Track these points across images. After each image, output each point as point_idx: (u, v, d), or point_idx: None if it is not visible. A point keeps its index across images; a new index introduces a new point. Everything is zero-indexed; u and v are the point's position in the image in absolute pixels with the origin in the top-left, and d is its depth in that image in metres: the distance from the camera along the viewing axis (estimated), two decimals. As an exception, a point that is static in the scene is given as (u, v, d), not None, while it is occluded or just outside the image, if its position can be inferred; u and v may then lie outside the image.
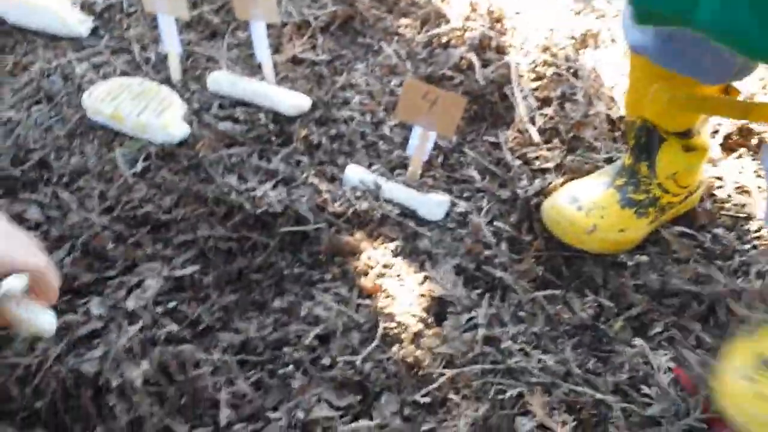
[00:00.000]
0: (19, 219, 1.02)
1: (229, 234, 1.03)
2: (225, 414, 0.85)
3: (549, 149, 1.21)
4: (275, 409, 0.86)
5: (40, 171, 1.13)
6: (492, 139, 1.25)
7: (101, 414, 0.84)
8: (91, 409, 0.84)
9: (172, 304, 0.97)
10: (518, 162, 1.19)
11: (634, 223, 1.06)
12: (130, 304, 0.95)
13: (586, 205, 1.06)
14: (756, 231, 1.12)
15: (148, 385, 0.86)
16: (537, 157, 1.19)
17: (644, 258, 1.06)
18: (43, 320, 0.70)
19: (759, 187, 1.19)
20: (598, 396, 0.88)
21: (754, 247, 1.10)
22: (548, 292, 1.02)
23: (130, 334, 0.91)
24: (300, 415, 0.84)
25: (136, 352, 0.89)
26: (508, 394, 0.89)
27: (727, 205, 1.19)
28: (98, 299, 0.95)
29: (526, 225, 1.10)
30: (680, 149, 1.07)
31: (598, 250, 1.06)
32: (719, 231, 1.12)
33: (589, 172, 1.16)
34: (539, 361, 0.92)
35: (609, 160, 1.20)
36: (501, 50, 1.40)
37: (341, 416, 0.86)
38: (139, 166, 1.12)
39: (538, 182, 1.12)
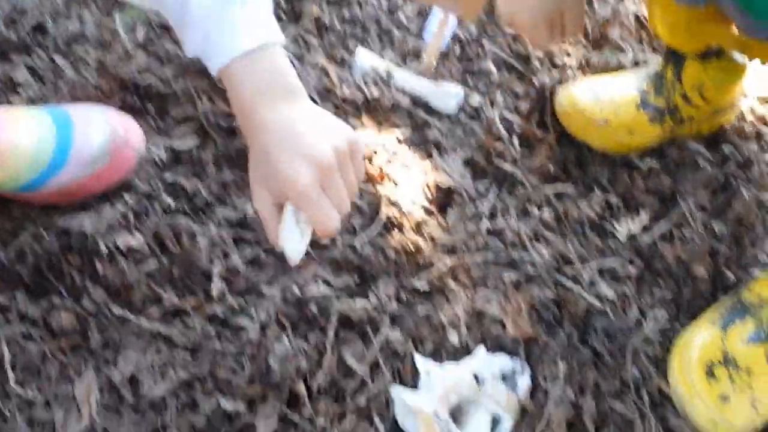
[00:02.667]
0: (9, 81, 0.98)
1: (230, 111, 0.99)
2: (217, 286, 0.83)
3: (573, 46, 1.15)
4: (269, 284, 0.84)
5: (35, 35, 1.08)
6: (514, 32, 1.19)
7: (87, 280, 0.81)
8: (77, 275, 0.81)
9: (170, 178, 0.94)
10: (540, 55, 1.13)
11: (646, 129, 1.01)
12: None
13: (603, 98, 1.01)
14: (779, 142, 1.07)
15: (139, 254, 0.84)
16: (560, 52, 1.13)
17: (656, 162, 1.02)
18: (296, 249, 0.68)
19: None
20: (585, 295, 0.86)
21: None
22: (557, 186, 0.98)
23: (124, 202, 0.88)
24: (295, 291, 0.82)
25: (130, 221, 0.86)
26: (506, 283, 0.87)
27: (749, 117, 1.14)
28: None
29: (538, 118, 1.05)
30: (703, 66, 1.00)
31: (600, 147, 1.02)
32: (739, 141, 1.07)
33: (613, 72, 1.11)
34: (540, 254, 0.89)
35: (636, 63, 1.14)
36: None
37: (337, 296, 0.84)
38: (140, 35, 1.06)
39: (557, 74, 1.07)
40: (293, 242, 0.68)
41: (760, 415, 0.77)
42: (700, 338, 0.82)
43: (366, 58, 1.10)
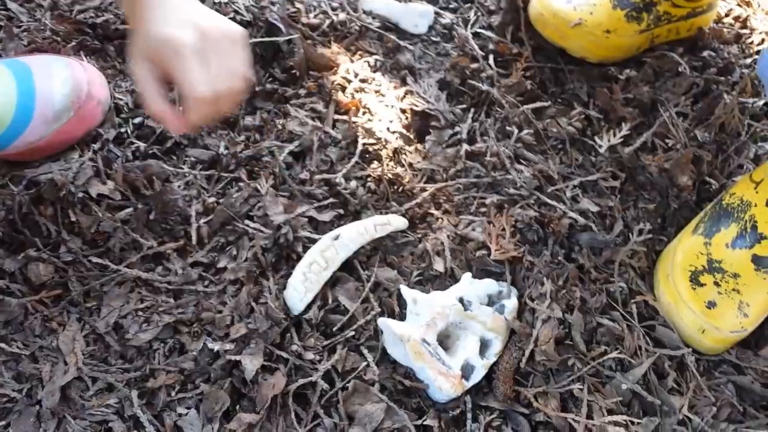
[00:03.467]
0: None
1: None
2: (196, 228, 0.82)
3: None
4: (250, 218, 0.83)
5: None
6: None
7: (62, 230, 0.79)
8: (51, 226, 0.79)
9: (137, 120, 0.90)
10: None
11: (623, 26, 0.98)
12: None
13: (577, 0, 0.98)
14: (759, 44, 1.05)
15: (113, 201, 0.82)
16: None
17: (634, 72, 0.99)
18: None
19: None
20: (568, 212, 0.85)
21: (755, 61, 1.03)
22: (536, 105, 0.96)
23: (92, 149, 0.85)
24: (281, 231, 0.81)
25: (100, 168, 0.84)
26: (488, 206, 0.85)
27: (727, 20, 1.11)
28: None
29: (512, 31, 1.02)
30: None
31: (579, 51, 0.99)
32: (718, 45, 1.05)
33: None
34: (522, 174, 0.88)
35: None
36: None
37: (321, 233, 0.83)
38: (93, -29, 1.01)
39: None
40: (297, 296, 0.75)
41: (749, 319, 0.78)
42: (684, 247, 0.82)
43: (332, -18, 1.06)
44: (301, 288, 0.76)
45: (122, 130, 0.89)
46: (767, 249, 0.78)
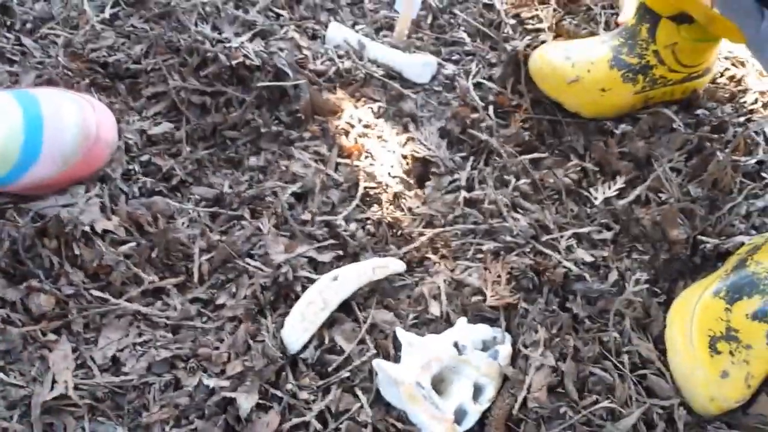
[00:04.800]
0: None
1: (202, 87, 0.98)
2: (198, 265, 0.83)
3: (545, 10, 1.15)
4: (251, 257, 0.84)
5: (1, 17, 1.05)
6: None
7: (65, 263, 0.81)
8: (54, 258, 0.81)
9: (144, 158, 0.93)
10: (512, 22, 1.12)
11: (618, 86, 1.01)
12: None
13: (575, 56, 1.01)
14: (752, 103, 1.08)
15: (116, 236, 0.84)
16: (532, 17, 1.12)
17: (630, 127, 1.02)
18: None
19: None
20: (563, 261, 0.86)
21: (749, 120, 1.06)
22: (533, 155, 0.98)
23: (99, 185, 0.87)
24: (280, 270, 0.82)
25: (106, 204, 0.86)
26: (485, 253, 0.87)
27: (721, 80, 1.14)
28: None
29: (512, 84, 1.05)
30: (677, 27, 1.00)
31: (574, 107, 1.02)
32: (713, 104, 1.08)
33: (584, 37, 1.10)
34: (518, 222, 0.90)
35: (607, 28, 1.14)
36: None
37: (320, 274, 0.84)
38: (107, 12, 1.04)
39: (529, 40, 1.07)
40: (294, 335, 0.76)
41: (750, 390, 0.77)
42: (704, 308, 0.81)
43: (338, 31, 1.09)
44: (299, 327, 0.77)
45: (130, 167, 0.91)
46: None
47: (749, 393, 0.78)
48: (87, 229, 0.82)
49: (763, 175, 0.99)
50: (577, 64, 1.00)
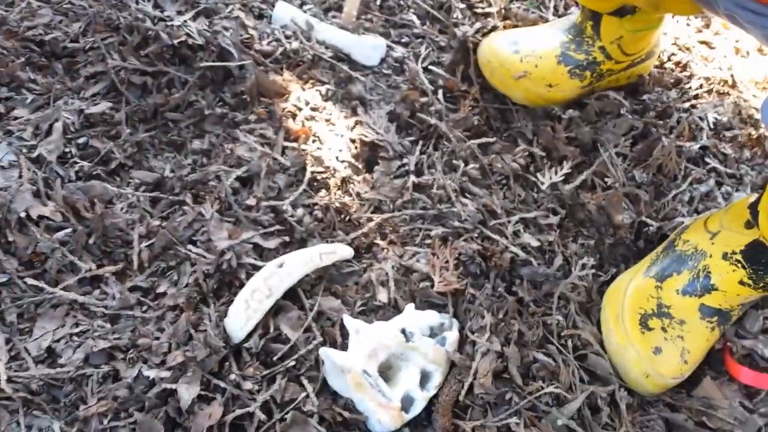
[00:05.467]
0: None
1: (143, 67, 0.94)
2: (137, 252, 0.80)
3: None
4: (193, 243, 0.82)
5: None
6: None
7: (-1, 249, 0.77)
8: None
9: (81, 140, 0.89)
10: (461, 6, 1.11)
11: (565, 82, 1.01)
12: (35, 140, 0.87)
13: (524, 50, 1.00)
14: (697, 88, 1.10)
15: (52, 222, 0.80)
16: (481, 1, 1.12)
17: (577, 113, 1.02)
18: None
19: (700, 42, 1.16)
20: (510, 246, 0.86)
21: (693, 106, 1.07)
22: (482, 140, 0.98)
23: (33, 169, 0.84)
24: (225, 256, 0.80)
25: (40, 188, 0.82)
26: (433, 238, 0.86)
27: (668, 65, 1.15)
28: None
29: (462, 71, 1.04)
30: (620, 21, 1.01)
31: (521, 100, 1.03)
32: (659, 89, 1.09)
33: (534, 23, 1.10)
34: (466, 208, 0.89)
35: (556, 13, 1.14)
36: None
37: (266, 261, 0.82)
38: (42, -13, 1.00)
39: (479, 24, 1.06)
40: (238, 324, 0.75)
41: (687, 366, 0.79)
42: (635, 288, 0.82)
43: (285, 11, 1.06)
44: (243, 316, 0.75)
45: (66, 150, 0.87)
46: (716, 300, 0.79)
47: (687, 369, 0.79)
48: (21, 215, 0.79)
49: (707, 160, 1.01)
50: (525, 59, 1.00)
